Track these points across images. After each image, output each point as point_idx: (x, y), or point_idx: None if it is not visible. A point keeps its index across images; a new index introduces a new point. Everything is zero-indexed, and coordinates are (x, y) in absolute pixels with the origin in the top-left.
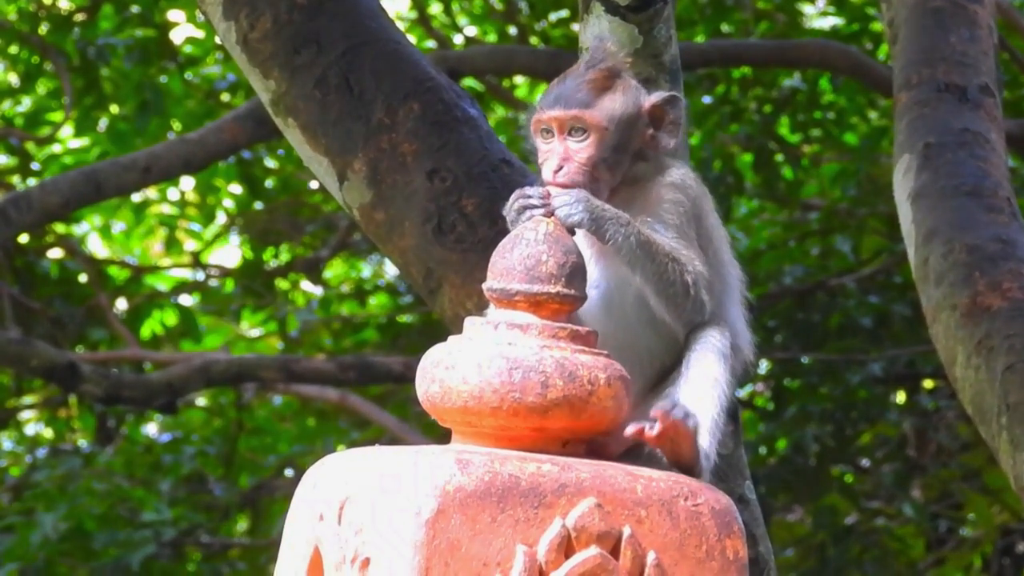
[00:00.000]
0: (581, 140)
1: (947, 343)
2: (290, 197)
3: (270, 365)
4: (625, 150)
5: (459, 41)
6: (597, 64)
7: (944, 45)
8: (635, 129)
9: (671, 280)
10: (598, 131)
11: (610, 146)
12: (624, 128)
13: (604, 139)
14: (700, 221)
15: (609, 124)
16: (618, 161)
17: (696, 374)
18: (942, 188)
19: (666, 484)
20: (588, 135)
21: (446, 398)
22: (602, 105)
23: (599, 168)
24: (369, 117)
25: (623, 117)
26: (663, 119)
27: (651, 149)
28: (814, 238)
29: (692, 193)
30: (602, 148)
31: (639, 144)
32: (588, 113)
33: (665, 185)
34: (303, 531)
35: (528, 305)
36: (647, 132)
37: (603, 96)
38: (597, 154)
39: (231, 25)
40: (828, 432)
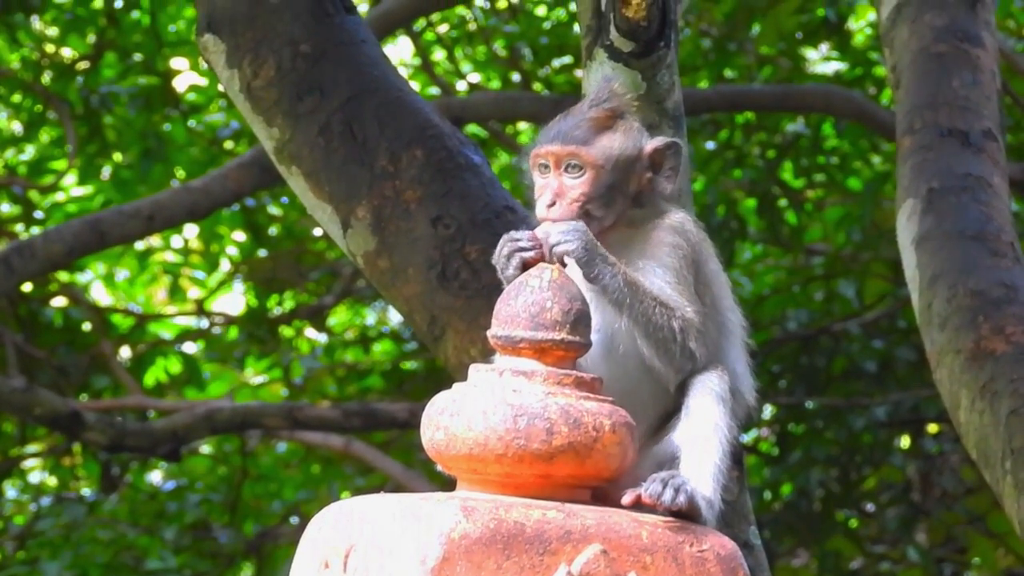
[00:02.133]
0: (576, 177)
1: (951, 387)
2: (294, 244)
3: (274, 412)
4: (621, 191)
5: (462, 88)
6: (600, 103)
7: (947, 90)
8: (633, 171)
9: (659, 324)
10: (594, 169)
11: (605, 185)
12: (621, 169)
13: (599, 177)
14: (699, 267)
15: (605, 163)
16: (613, 201)
17: (696, 421)
18: (946, 233)
19: (672, 530)
20: (584, 172)
21: (451, 445)
22: (600, 144)
23: (593, 206)
24: (373, 164)
25: (620, 158)
26: (662, 164)
27: (649, 193)
28: (818, 283)
29: (692, 238)
30: (597, 186)
31: (636, 187)
32: (584, 150)
33: (664, 228)
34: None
35: (533, 352)
36: (645, 175)
37: (602, 135)
38: (591, 192)
39: (234, 73)
40: (833, 477)
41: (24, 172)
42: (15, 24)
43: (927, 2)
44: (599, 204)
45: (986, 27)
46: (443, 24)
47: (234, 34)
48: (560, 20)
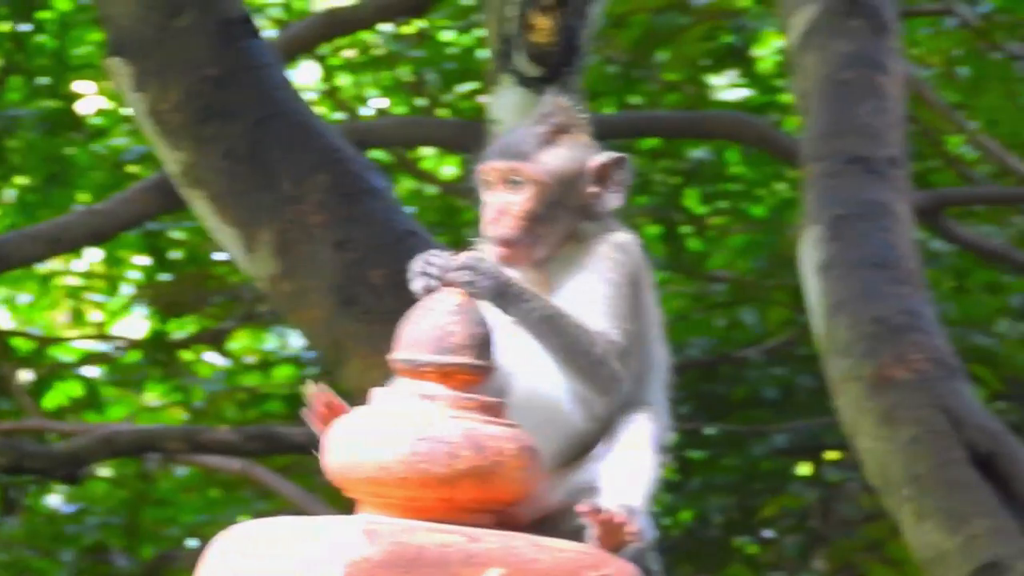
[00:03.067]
0: (518, 193)
1: (852, 414)
2: (196, 269)
3: (175, 435)
4: (566, 206)
5: (367, 113)
6: (546, 118)
7: (853, 117)
8: (577, 186)
9: (581, 351)
10: (536, 184)
11: (548, 201)
12: (565, 184)
13: (542, 193)
14: (637, 290)
15: (548, 178)
16: (558, 217)
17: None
18: (849, 260)
19: (573, 555)
20: (525, 188)
21: (353, 469)
22: (542, 159)
23: (537, 222)
24: (277, 188)
25: (564, 173)
26: (609, 179)
27: (594, 208)
28: (720, 310)
29: (636, 260)
30: (540, 202)
31: (581, 202)
32: (526, 166)
33: (610, 244)
34: None
35: (437, 376)
36: (591, 190)
37: (545, 150)
38: (534, 208)
39: (141, 96)
40: (732, 503)
41: None
42: None
43: (834, 29)
44: (543, 220)
45: (892, 54)
46: (349, 48)
47: (141, 58)
48: (465, 46)
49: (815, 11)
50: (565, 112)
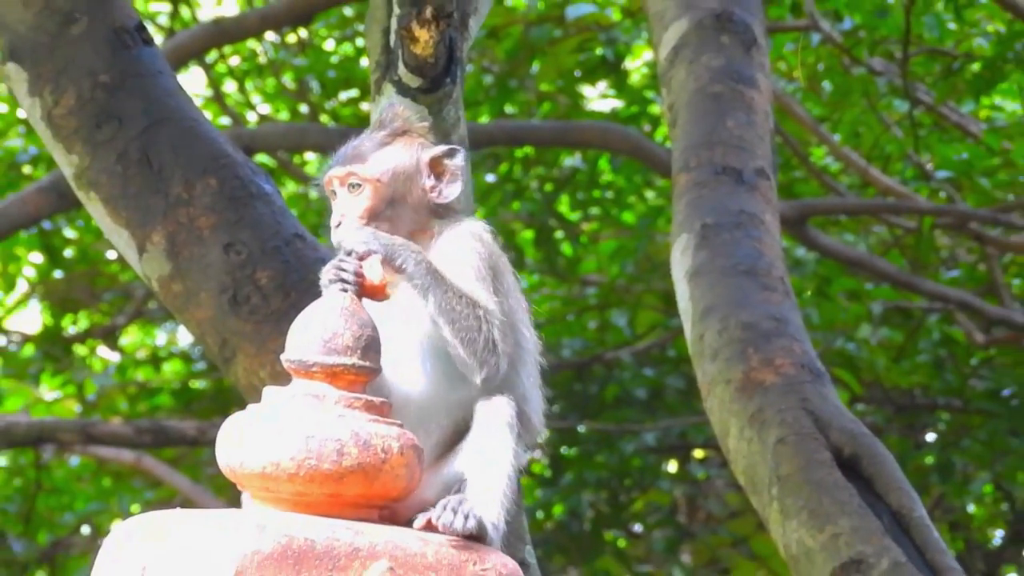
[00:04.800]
0: (357, 194)
1: (721, 416)
2: (89, 267)
3: (69, 428)
4: (406, 202)
5: (253, 119)
6: (383, 125)
7: (722, 129)
8: (414, 181)
9: (462, 314)
10: (372, 184)
11: (386, 198)
12: (401, 181)
13: (379, 192)
14: (497, 275)
15: (382, 177)
16: (399, 214)
17: (483, 447)
18: (719, 267)
19: (456, 549)
20: (363, 188)
21: (245, 464)
22: (376, 160)
23: (378, 220)
24: (168, 192)
25: (398, 170)
26: (444, 172)
27: (435, 200)
28: (592, 312)
29: (489, 245)
30: (378, 200)
31: (421, 196)
32: (361, 168)
33: (463, 234)
34: None
35: (325, 376)
36: (428, 184)
37: (379, 152)
38: (373, 205)
39: (36, 101)
40: (603, 499)
41: None
42: None
43: (704, 44)
44: (384, 217)
45: (760, 69)
46: (234, 56)
47: (36, 63)
48: (347, 55)
49: (686, 26)
50: (401, 117)
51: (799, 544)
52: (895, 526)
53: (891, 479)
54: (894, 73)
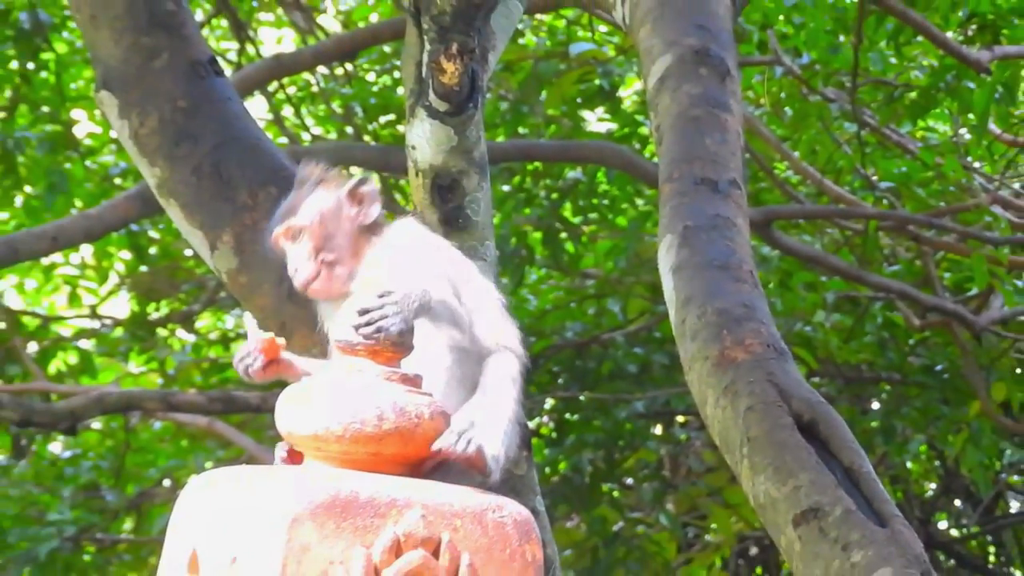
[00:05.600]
0: (299, 242)
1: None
2: (169, 262)
3: (153, 397)
4: (342, 233)
5: (306, 138)
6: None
7: (700, 146)
8: (342, 214)
9: (460, 317)
10: (307, 230)
11: (324, 236)
12: (330, 219)
13: (315, 233)
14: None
15: (313, 219)
16: (339, 244)
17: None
18: (698, 263)
19: (478, 499)
20: (303, 235)
21: (299, 427)
22: (306, 209)
23: (324, 255)
24: (235, 199)
25: (325, 211)
26: (362, 198)
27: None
28: (591, 300)
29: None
30: (317, 240)
31: (350, 224)
32: (295, 219)
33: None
34: (183, 535)
35: (367, 353)
36: (352, 213)
37: (306, 202)
38: (315, 246)
39: (125, 123)
40: (600, 457)
41: None
42: None
43: (685, 75)
44: (328, 251)
45: (733, 96)
46: (291, 86)
47: (125, 91)
48: (386, 85)
49: (670, 60)
50: (318, 170)
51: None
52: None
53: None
54: (845, 100)
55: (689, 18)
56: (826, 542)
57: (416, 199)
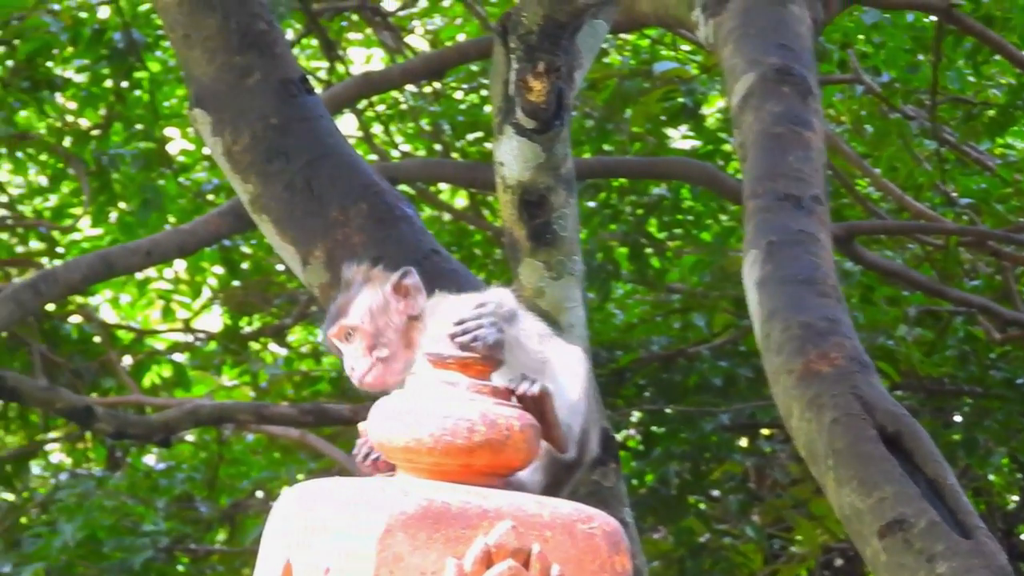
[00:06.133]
0: (353, 341)
1: (785, 400)
2: (261, 277)
3: (246, 409)
4: (391, 327)
5: (396, 155)
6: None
7: (784, 163)
8: (389, 309)
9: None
10: (359, 329)
11: (374, 332)
12: (379, 315)
13: (367, 330)
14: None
15: (363, 318)
16: (392, 339)
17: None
18: (782, 277)
19: (567, 510)
20: (355, 335)
21: (392, 439)
22: (355, 309)
23: (377, 351)
24: (327, 215)
25: (373, 308)
26: (407, 290)
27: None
28: (676, 314)
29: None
30: (370, 337)
31: (400, 316)
32: (345, 320)
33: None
34: (277, 546)
35: (458, 367)
36: (400, 307)
37: (355, 302)
38: (368, 343)
39: (218, 140)
40: (686, 469)
41: (48, 216)
42: (43, 98)
43: (768, 94)
44: (381, 347)
45: (815, 114)
46: (381, 104)
47: (218, 109)
48: (473, 103)
49: (753, 79)
50: (362, 270)
51: (851, 507)
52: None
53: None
54: (924, 118)
55: (772, 38)
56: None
57: (504, 215)
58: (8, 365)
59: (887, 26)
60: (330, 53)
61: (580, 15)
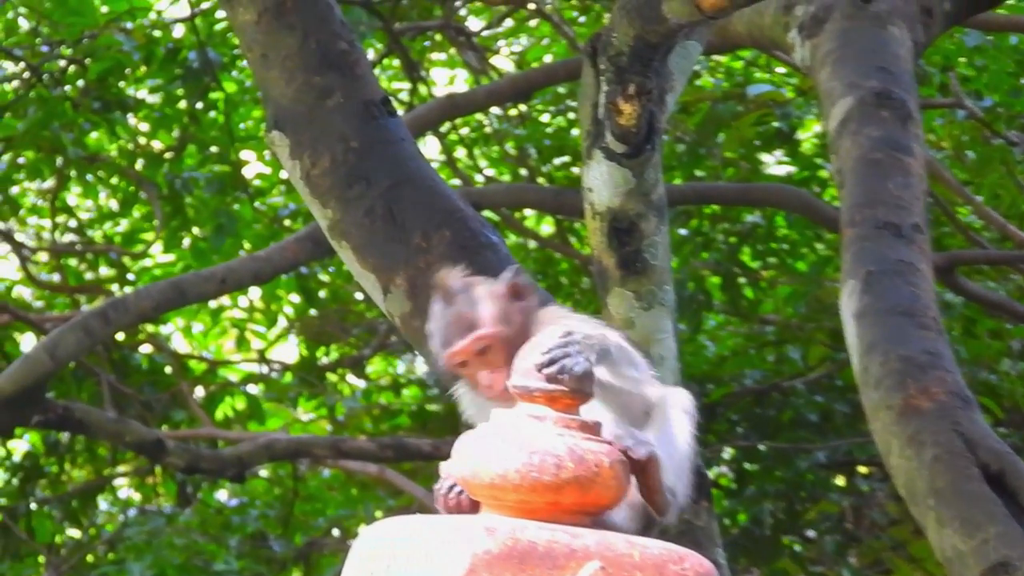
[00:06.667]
0: (486, 352)
1: (884, 437)
2: (339, 305)
3: (322, 444)
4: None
5: (480, 179)
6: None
7: (883, 190)
8: (512, 311)
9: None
10: (490, 339)
11: (507, 339)
12: (505, 319)
13: (501, 339)
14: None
15: (496, 325)
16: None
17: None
18: (881, 309)
19: (658, 550)
20: (488, 347)
21: (476, 475)
22: (486, 317)
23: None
24: (409, 241)
25: (500, 312)
26: (520, 290)
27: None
28: (770, 347)
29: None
30: (505, 346)
31: (519, 319)
32: (483, 331)
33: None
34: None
35: (545, 400)
36: (517, 307)
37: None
38: (506, 353)
39: (296, 163)
40: (781, 508)
41: (119, 241)
42: (114, 120)
43: (867, 118)
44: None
45: (915, 139)
46: (464, 127)
47: (296, 131)
48: (560, 126)
49: (851, 103)
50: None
51: (953, 549)
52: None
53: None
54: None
55: (870, 60)
56: None
57: (593, 242)
58: (76, 396)
59: (990, 48)
60: (412, 74)
61: (672, 36)
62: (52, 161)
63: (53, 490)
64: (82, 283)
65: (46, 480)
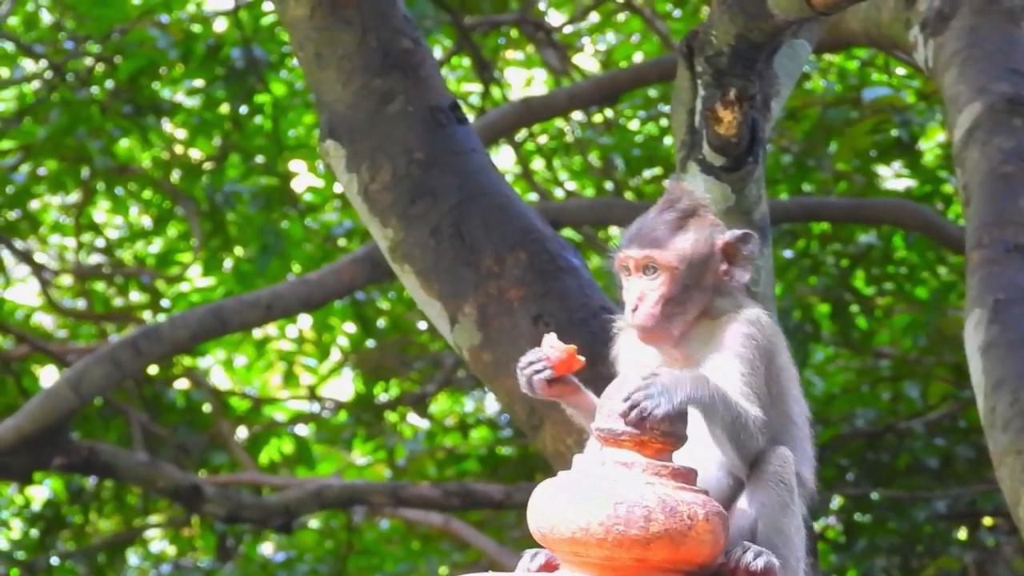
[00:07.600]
0: (654, 279)
1: (1012, 485)
2: (400, 336)
3: (380, 490)
4: (699, 286)
5: (559, 194)
6: (673, 204)
7: (1013, 208)
8: (708, 266)
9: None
10: (669, 270)
11: (682, 284)
12: (696, 266)
13: (675, 278)
14: (772, 359)
15: (680, 264)
16: (691, 298)
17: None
18: (1010, 341)
19: None
20: (660, 274)
21: (555, 529)
22: (673, 245)
23: (672, 304)
24: (479, 265)
25: (695, 256)
26: (737, 256)
27: (726, 284)
28: (885, 384)
29: (766, 331)
30: (673, 286)
31: (713, 279)
32: (659, 253)
33: (741, 321)
34: None
35: (633, 444)
36: (721, 268)
37: (675, 236)
38: (669, 292)
39: (353, 177)
40: (895, 564)
41: (152, 263)
42: (147, 126)
43: (996, 127)
44: (678, 302)
45: None
46: (543, 135)
47: (353, 141)
48: (651, 134)
49: (979, 110)
50: (690, 196)
51: None
52: None
53: None
54: None
55: (1002, 62)
56: None
57: None
58: (103, 437)
59: None
60: (484, 75)
61: (778, 34)
62: (77, 172)
63: (77, 542)
64: (110, 310)
65: (69, 531)
